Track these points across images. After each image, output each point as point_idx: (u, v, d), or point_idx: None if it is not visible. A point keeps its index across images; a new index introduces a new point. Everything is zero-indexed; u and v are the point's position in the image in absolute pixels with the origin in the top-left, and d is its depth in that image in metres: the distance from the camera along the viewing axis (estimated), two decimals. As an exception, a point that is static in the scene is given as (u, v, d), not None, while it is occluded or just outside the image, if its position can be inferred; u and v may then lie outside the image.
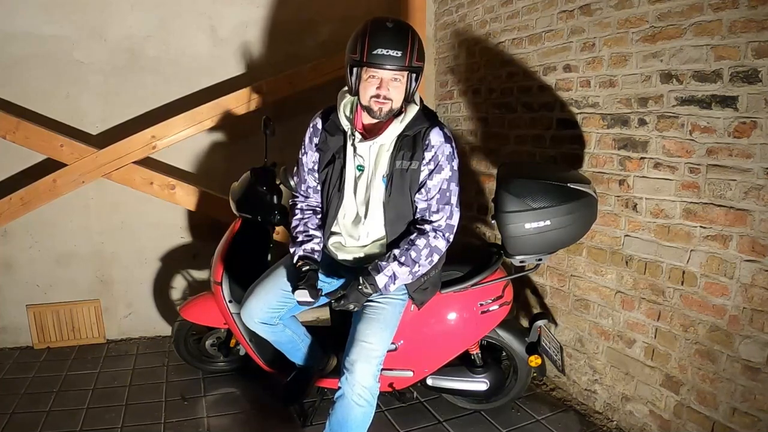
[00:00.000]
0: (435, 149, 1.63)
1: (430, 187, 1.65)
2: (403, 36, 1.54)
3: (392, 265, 1.62)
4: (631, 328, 2.00)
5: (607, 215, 2.06)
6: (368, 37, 1.52)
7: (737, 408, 1.63)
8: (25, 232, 2.75)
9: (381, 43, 1.50)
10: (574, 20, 2.15)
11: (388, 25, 1.55)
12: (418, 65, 1.56)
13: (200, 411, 2.25)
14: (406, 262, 1.62)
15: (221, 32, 2.88)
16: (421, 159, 1.63)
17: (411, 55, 1.53)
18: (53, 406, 2.26)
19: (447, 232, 1.67)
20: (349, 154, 1.69)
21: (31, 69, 2.62)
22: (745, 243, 1.59)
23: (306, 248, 1.74)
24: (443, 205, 1.66)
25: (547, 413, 2.22)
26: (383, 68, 1.53)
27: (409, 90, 1.60)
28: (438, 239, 1.65)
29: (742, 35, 1.55)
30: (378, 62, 1.51)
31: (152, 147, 2.73)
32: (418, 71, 1.58)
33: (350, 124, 1.67)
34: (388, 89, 1.55)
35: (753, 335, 1.58)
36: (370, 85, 1.56)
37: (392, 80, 1.55)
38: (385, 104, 1.57)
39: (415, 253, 1.63)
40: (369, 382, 1.61)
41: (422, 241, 1.64)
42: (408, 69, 1.55)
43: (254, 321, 1.87)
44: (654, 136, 1.85)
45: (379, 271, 1.63)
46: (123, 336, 2.98)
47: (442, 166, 1.64)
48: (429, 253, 1.65)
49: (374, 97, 1.56)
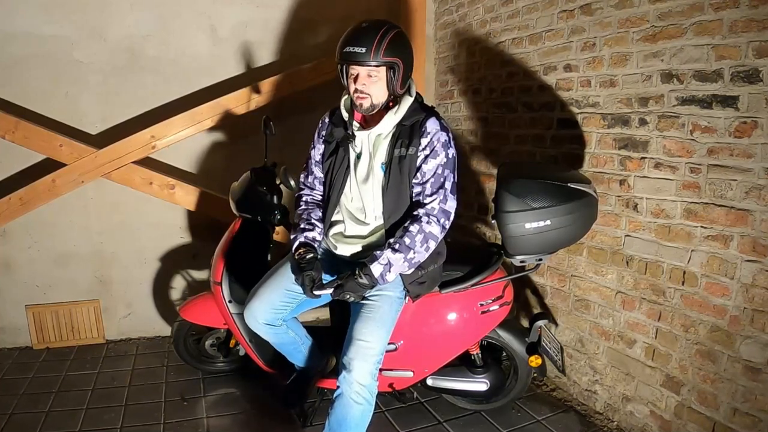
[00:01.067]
0: (431, 135, 1.68)
1: (425, 171, 1.68)
2: (371, 34, 1.60)
3: (386, 252, 1.64)
4: (631, 329, 2.00)
5: (608, 215, 2.05)
6: (344, 37, 1.63)
7: (738, 408, 1.63)
8: (24, 232, 2.75)
9: (350, 41, 1.60)
10: (575, 20, 2.15)
11: (363, 25, 1.63)
12: (387, 60, 1.60)
13: (200, 411, 2.24)
14: (399, 249, 1.63)
15: (221, 32, 2.87)
16: (417, 145, 1.68)
17: (377, 51, 1.59)
18: (52, 407, 2.26)
19: (441, 218, 1.68)
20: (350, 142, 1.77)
21: (31, 69, 2.62)
22: (746, 243, 1.59)
23: (308, 236, 1.77)
24: (437, 189, 1.68)
25: (547, 414, 2.22)
26: (351, 64, 1.62)
27: (391, 85, 1.65)
28: (432, 224, 1.66)
29: (742, 35, 1.55)
30: (346, 59, 1.61)
31: (152, 147, 2.72)
32: (392, 66, 1.63)
33: (349, 115, 1.75)
34: (364, 84, 1.63)
35: (754, 335, 1.58)
36: (350, 82, 1.66)
37: (367, 76, 1.63)
38: (365, 99, 1.65)
39: (409, 240, 1.63)
40: (367, 380, 1.62)
41: (415, 226, 1.65)
42: (375, 64, 1.60)
43: (258, 322, 1.87)
44: (654, 136, 1.85)
45: (374, 260, 1.64)
46: (122, 336, 2.97)
47: (438, 151, 1.68)
48: (423, 239, 1.65)
49: (355, 92, 1.65)
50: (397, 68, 1.63)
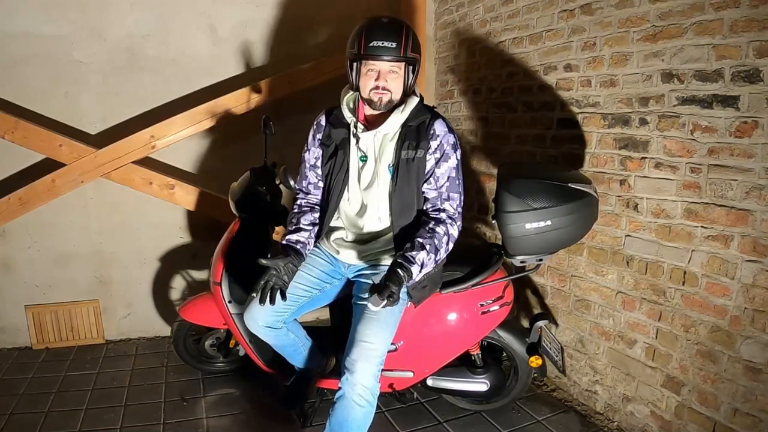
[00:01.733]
0: (440, 138, 1.68)
1: (439, 175, 1.68)
2: (397, 29, 1.62)
3: (421, 253, 1.57)
4: (632, 329, 2.00)
5: (608, 215, 2.05)
6: (365, 32, 1.60)
7: (738, 409, 1.62)
8: (24, 232, 2.74)
9: (377, 36, 1.58)
10: (575, 19, 2.14)
11: (383, 20, 1.64)
12: (413, 56, 1.63)
13: (200, 412, 2.24)
14: (431, 250, 1.61)
15: (221, 32, 2.87)
16: (426, 148, 1.67)
17: (406, 46, 1.60)
18: (52, 407, 2.25)
19: (459, 220, 1.71)
20: (352, 144, 1.74)
21: (31, 69, 2.61)
22: (747, 243, 1.58)
23: (290, 238, 1.74)
24: (453, 193, 1.70)
25: (547, 414, 2.21)
26: (380, 59, 1.60)
27: (407, 82, 1.66)
28: (454, 227, 1.68)
29: (743, 34, 1.54)
30: (375, 54, 1.59)
31: (151, 147, 2.72)
32: (414, 63, 1.65)
33: (353, 116, 1.73)
34: (386, 80, 1.62)
35: (754, 336, 1.57)
36: (369, 78, 1.63)
37: (390, 72, 1.62)
38: (385, 95, 1.64)
39: (437, 241, 1.63)
40: (370, 382, 1.61)
41: (442, 228, 1.65)
42: (404, 60, 1.61)
43: (258, 325, 1.87)
44: (655, 136, 1.84)
45: (411, 262, 1.54)
46: (122, 336, 2.97)
47: (449, 154, 1.68)
48: (447, 241, 1.66)
49: (374, 89, 1.63)
50: (417, 65, 1.65)
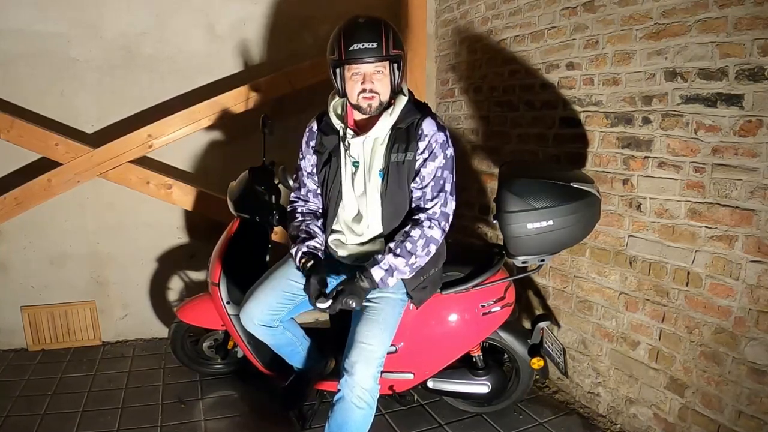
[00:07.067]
0: (429, 138, 1.65)
1: (425, 174, 1.65)
2: (376, 28, 1.58)
3: (388, 257, 1.61)
4: (635, 330, 1.98)
5: (611, 215, 2.03)
6: (343, 36, 1.56)
7: (743, 411, 1.61)
8: (19, 233, 2.72)
9: (356, 38, 1.54)
10: (577, 17, 2.13)
11: (360, 21, 1.59)
12: (396, 54, 1.59)
13: (197, 414, 2.22)
14: (401, 254, 1.61)
15: (219, 29, 2.85)
16: (415, 150, 1.65)
17: (387, 44, 1.56)
18: (48, 409, 2.23)
19: (442, 221, 1.66)
20: (343, 151, 1.72)
21: (26, 67, 2.59)
22: (751, 243, 1.57)
23: (309, 244, 1.72)
24: (438, 193, 1.66)
25: (549, 416, 2.20)
26: (362, 62, 1.56)
27: (394, 81, 1.63)
28: (433, 228, 1.64)
29: (747, 32, 1.53)
30: (356, 57, 1.55)
31: (148, 146, 2.70)
32: (398, 60, 1.61)
33: (342, 122, 1.70)
34: (372, 82, 1.59)
35: (759, 337, 1.56)
36: (355, 83, 1.59)
37: (375, 73, 1.59)
38: (374, 98, 1.61)
39: (411, 245, 1.61)
40: (369, 384, 1.60)
41: (417, 231, 1.62)
42: (387, 58, 1.58)
43: (254, 323, 1.85)
44: (658, 135, 1.83)
45: (375, 264, 1.61)
46: (119, 338, 2.95)
47: (436, 153, 1.65)
48: (425, 244, 1.63)
49: (361, 93, 1.60)
50: (401, 61, 1.61)
